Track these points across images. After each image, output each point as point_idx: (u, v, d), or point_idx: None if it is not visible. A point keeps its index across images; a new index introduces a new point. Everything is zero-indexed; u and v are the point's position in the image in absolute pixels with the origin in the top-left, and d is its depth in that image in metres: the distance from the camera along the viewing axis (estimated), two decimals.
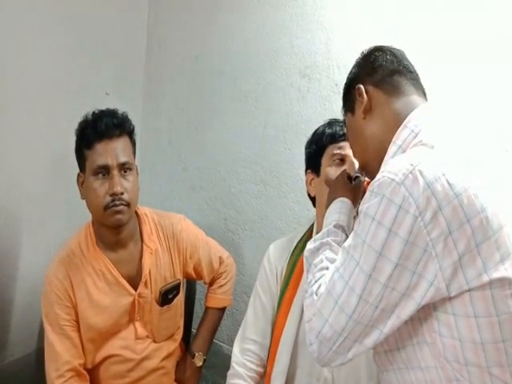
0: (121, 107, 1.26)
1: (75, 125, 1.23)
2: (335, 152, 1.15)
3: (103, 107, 1.24)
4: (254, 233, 1.75)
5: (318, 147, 1.19)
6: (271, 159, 1.68)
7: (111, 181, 1.18)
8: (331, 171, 1.14)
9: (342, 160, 1.14)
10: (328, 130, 1.17)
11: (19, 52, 1.52)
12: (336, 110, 1.50)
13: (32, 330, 1.62)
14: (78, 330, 1.24)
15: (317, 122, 1.25)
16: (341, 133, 1.15)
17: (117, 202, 1.18)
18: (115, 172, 1.18)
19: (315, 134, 1.22)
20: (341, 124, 1.17)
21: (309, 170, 1.22)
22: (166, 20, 1.94)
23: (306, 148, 1.24)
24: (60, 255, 1.27)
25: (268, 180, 1.70)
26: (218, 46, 1.79)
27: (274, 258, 1.25)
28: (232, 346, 1.28)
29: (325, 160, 1.17)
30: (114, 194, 1.18)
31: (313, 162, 1.20)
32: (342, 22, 1.49)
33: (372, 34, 1.42)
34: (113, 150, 1.19)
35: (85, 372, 1.24)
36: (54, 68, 1.63)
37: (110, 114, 1.22)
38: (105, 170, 1.18)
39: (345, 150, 1.14)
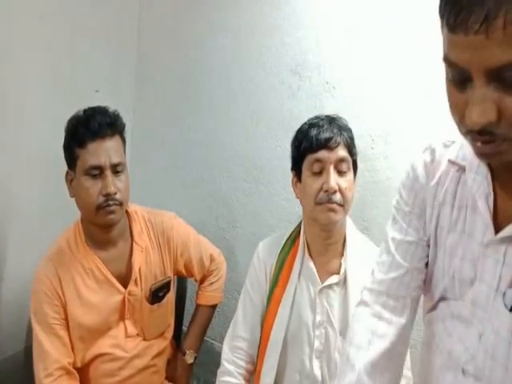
0: (112, 105, 1.25)
1: (65, 123, 1.22)
2: (313, 162, 1.12)
3: (94, 105, 1.23)
4: (245, 230, 1.75)
5: (298, 153, 1.16)
6: (262, 157, 1.68)
7: (104, 181, 1.17)
8: (311, 184, 1.11)
9: (320, 172, 1.11)
10: (309, 134, 1.12)
11: (9, 51, 1.51)
12: (326, 107, 1.50)
13: (21, 328, 1.61)
14: (67, 329, 1.23)
15: (307, 119, 1.24)
16: (320, 137, 1.10)
17: (110, 202, 1.18)
18: (108, 172, 1.18)
19: (298, 132, 1.18)
20: (322, 123, 1.13)
21: (293, 171, 1.20)
22: (157, 18, 1.93)
23: (291, 146, 1.20)
24: (49, 253, 1.26)
25: (259, 178, 1.69)
26: (209, 44, 1.78)
27: (264, 255, 1.25)
28: (223, 343, 1.28)
29: (305, 167, 1.14)
30: (107, 195, 1.17)
31: (295, 164, 1.18)
32: (334, 20, 1.49)
33: (364, 32, 1.42)
34: (106, 151, 1.18)
35: (74, 371, 1.23)
36: (45, 66, 1.61)
37: (102, 112, 1.21)
38: (97, 170, 1.18)
39: (322, 162, 1.10)
